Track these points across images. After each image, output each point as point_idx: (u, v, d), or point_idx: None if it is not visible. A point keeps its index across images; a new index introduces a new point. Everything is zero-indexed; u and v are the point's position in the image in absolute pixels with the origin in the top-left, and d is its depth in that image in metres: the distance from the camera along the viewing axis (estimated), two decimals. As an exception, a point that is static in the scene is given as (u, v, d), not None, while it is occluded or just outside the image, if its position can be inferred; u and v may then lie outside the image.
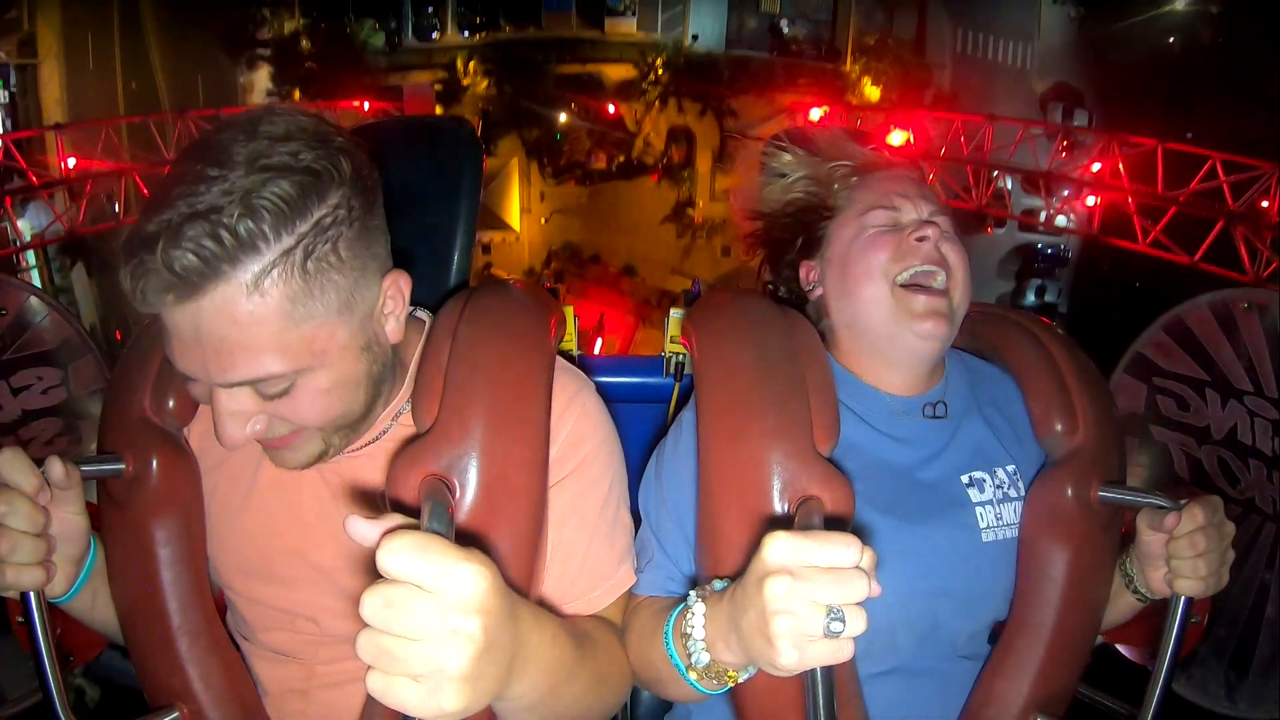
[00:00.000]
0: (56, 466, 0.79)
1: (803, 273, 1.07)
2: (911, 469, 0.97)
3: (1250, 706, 1.56)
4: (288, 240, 0.68)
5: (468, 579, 0.55)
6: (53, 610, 0.84)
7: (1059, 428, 0.98)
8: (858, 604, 0.61)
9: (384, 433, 0.89)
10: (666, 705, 1.13)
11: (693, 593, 0.76)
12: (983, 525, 0.96)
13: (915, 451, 0.98)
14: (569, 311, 1.30)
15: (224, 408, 0.74)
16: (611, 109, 9.25)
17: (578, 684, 0.75)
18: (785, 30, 9.61)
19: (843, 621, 0.60)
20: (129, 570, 0.88)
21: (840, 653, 0.62)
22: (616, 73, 9.26)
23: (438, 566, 0.54)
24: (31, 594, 0.77)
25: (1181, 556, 0.86)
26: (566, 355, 1.34)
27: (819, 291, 1.06)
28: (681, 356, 1.35)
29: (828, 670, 0.64)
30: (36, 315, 1.51)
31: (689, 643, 0.74)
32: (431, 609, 0.54)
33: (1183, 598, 0.87)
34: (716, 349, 0.95)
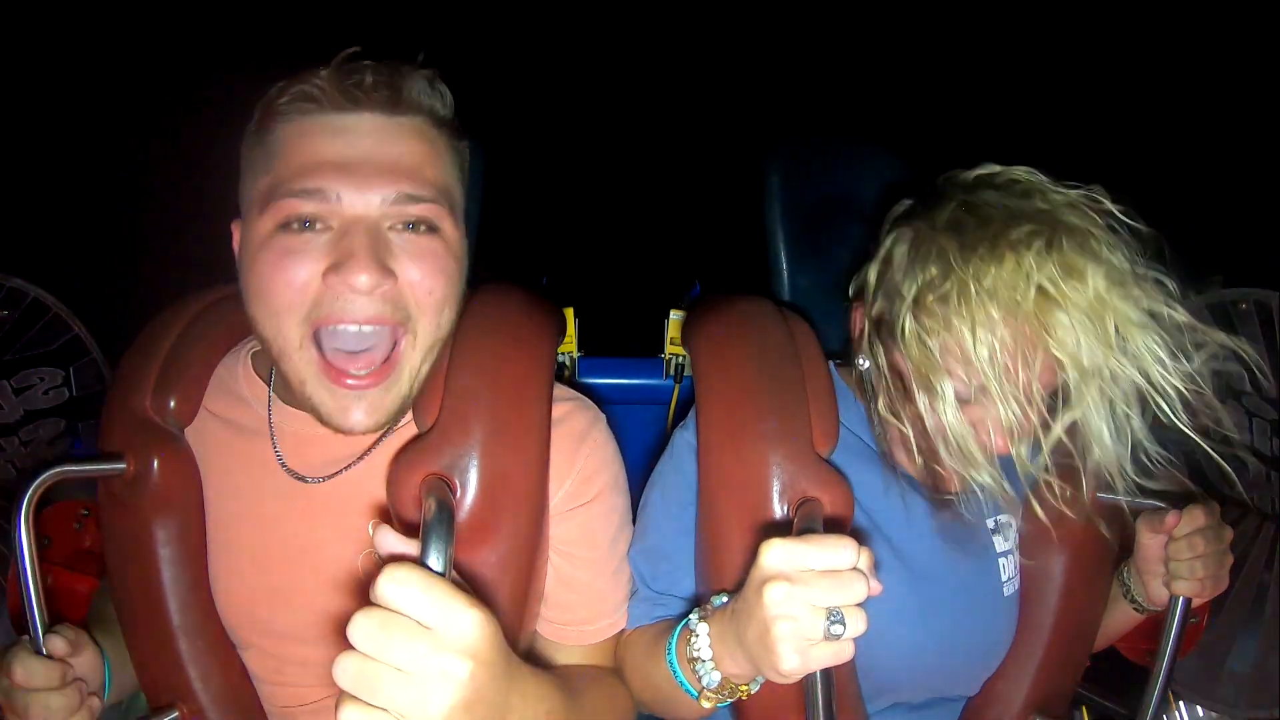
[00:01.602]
0: (58, 643, 0.79)
1: (855, 319, 0.94)
2: (934, 513, 0.92)
3: (1250, 706, 1.56)
4: (452, 118, 0.83)
5: (467, 622, 0.53)
6: (53, 611, 0.84)
7: None
8: (857, 605, 0.61)
9: (378, 441, 0.87)
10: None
11: (693, 615, 0.76)
12: (1004, 578, 0.94)
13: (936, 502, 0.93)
14: (569, 313, 1.30)
15: (368, 241, 0.74)
16: None
17: None
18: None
19: (843, 624, 0.60)
20: (129, 570, 0.88)
21: (841, 654, 0.62)
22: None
23: (440, 604, 0.52)
24: (21, 528, 0.78)
25: (1180, 558, 0.86)
26: (566, 356, 1.34)
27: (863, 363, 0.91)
28: (681, 358, 1.35)
29: (827, 672, 0.64)
30: (38, 315, 1.51)
31: (698, 665, 0.73)
32: (425, 644, 0.51)
33: (1181, 599, 0.87)
34: (716, 351, 0.94)
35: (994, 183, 0.80)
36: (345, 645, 0.79)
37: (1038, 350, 0.72)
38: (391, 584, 0.52)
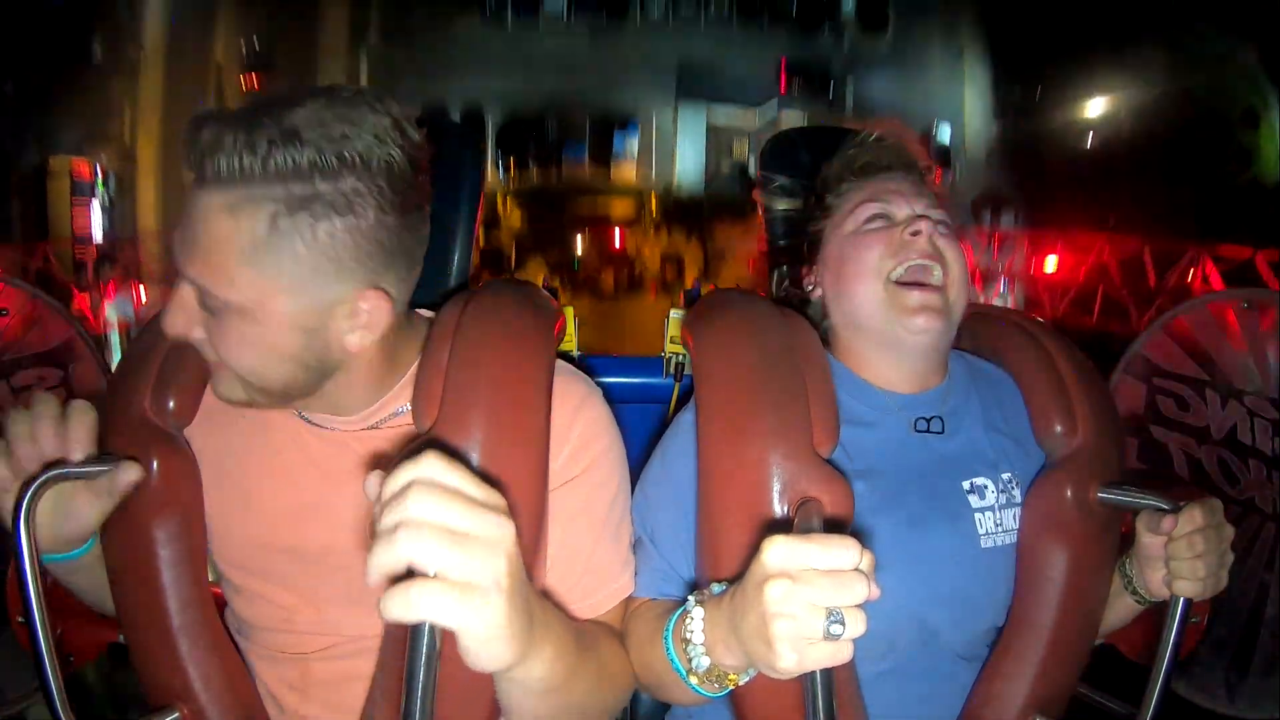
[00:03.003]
0: (133, 472, 0.83)
1: (803, 275, 1.08)
2: (911, 470, 0.97)
3: (1250, 706, 1.56)
4: (274, 193, 0.72)
5: (496, 493, 0.58)
6: (53, 611, 0.84)
7: (1058, 429, 0.98)
8: (857, 606, 0.61)
9: (383, 421, 0.89)
10: (667, 706, 1.13)
11: (691, 597, 0.76)
12: (982, 531, 0.96)
13: (916, 452, 0.98)
14: (569, 312, 1.31)
15: (177, 296, 0.79)
16: (617, 238, 11.31)
17: (585, 677, 0.76)
18: (750, 171, 11.34)
19: (842, 624, 0.60)
20: (129, 570, 0.88)
21: (840, 654, 0.62)
22: (620, 208, 11.53)
23: (474, 479, 0.57)
24: (23, 542, 0.78)
25: (1180, 558, 0.86)
26: (566, 356, 1.34)
27: (818, 293, 1.06)
28: (681, 357, 1.35)
29: (827, 672, 0.64)
30: (38, 316, 1.51)
31: (689, 648, 0.74)
32: (480, 512, 0.55)
33: (1181, 598, 0.87)
34: (716, 350, 0.95)
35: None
36: (351, 598, 0.84)
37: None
38: (428, 463, 0.55)
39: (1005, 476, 0.99)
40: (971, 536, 0.96)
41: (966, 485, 0.98)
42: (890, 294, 0.96)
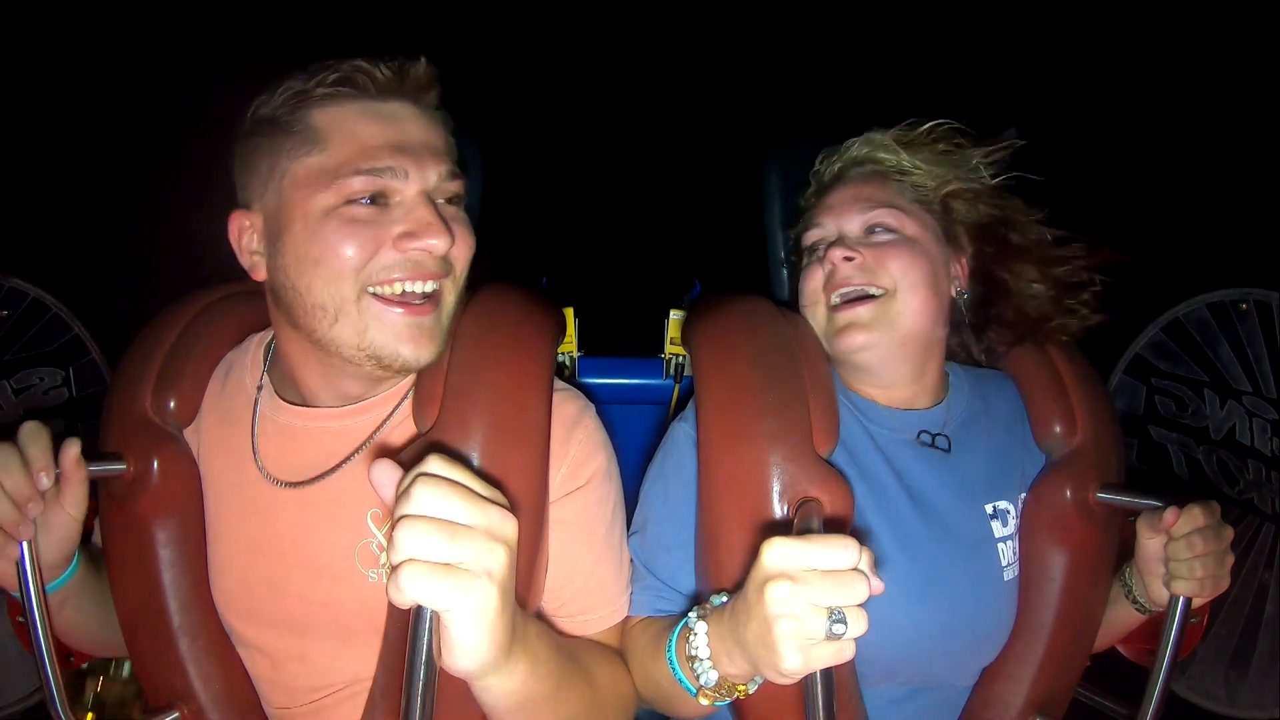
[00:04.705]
0: (73, 448, 0.78)
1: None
2: (934, 495, 0.94)
3: (1250, 706, 1.56)
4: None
5: (498, 492, 0.62)
6: (52, 611, 0.84)
7: (1058, 429, 0.98)
8: (858, 604, 0.61)
9: (367, 442, 0.87)
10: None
11: (692, 613, 0.76)
12: (1004, 563, 0.94)
13: (936, 475, 0.96)
14: (569, 313, 1.30)
15: (435, 206, 0.82)
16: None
17: (568, 702, 0.75)
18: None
19: (844, 623, 0.60)
20: (129, 570, 0.88)
21: (843, 654, 0.62)
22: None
23: (478, 483, 0.61)
24: (24, 546, 0.76)
25: (1179, 558, 0.86)
26: (566, 356, 1.34)
27: None
28: (681, 358, 1.35)
29: (827, 672, 0.64)
30: (39, 316, 1.51)
31: (695, 664, 0.73)
32: (479, 505, 0.59)
33: (1181, 598, 0.87)
34: (716, 351, 0.94)
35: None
36: (340, 637, 0.82)
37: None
38: (436, 463, 0.59)
39: (1023, 497, 0.98)
40: (995, 570, 0.94)
41: (989, 509, 0.95)
42: (828, 319, 0.97)
